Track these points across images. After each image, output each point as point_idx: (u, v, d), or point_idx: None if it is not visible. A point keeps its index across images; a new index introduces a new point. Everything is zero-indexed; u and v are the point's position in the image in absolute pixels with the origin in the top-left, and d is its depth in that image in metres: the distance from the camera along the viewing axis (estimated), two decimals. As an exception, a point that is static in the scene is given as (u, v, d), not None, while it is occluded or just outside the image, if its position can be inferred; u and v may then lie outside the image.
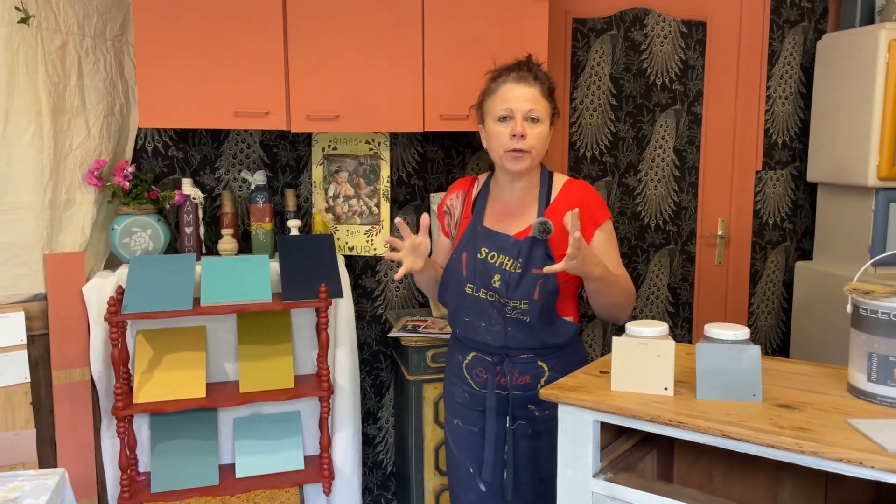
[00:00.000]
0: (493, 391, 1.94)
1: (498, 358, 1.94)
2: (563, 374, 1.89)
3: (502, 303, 1.89)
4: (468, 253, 1.93)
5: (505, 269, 1.88)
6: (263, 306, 2.43)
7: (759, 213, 3.40)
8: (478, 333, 1.95)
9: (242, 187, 2.83)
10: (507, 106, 1.86)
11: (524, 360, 1.93)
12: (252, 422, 2.65)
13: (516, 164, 1.88)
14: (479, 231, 1.95)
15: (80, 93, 2.48)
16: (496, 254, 1.90)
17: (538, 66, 1.94)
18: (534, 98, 1.87)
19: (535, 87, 1.88)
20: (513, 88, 1.88)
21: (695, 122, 3.29)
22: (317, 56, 2.48)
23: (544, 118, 1.88)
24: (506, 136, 1.86)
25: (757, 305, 3.46)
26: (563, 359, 1.95)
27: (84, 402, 2.50)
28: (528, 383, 1.93)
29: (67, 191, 2.48)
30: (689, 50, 3.24)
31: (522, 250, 1.86)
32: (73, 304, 2.46)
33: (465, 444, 2.04)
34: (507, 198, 1.97)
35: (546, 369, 1.93)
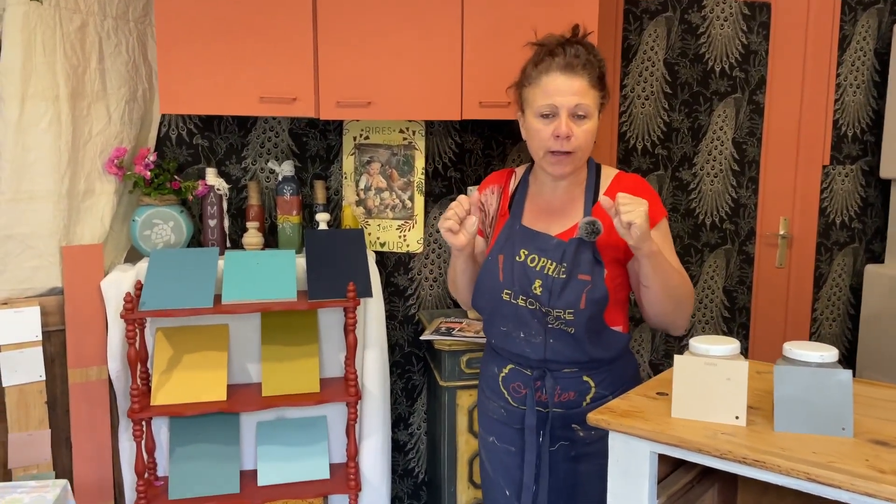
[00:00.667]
0: (532, 408, 1.75)
1: (538, 372, 1.74)
2: (612, 391, 1.71)
3: (543, 312, 1.69)
4: (505, 255, 1.73)
5: (547, 273, 1.67)
6: (287, 305, 2.28)
7: (826, 211, 3.13)
8: (516, 345, 1.75)
9: (270, 178, 2.68)
10: (551, 101, 1.64)
11: (568, 375, 1.73)
12: (276, 426, 2.50)
13: (558, 168, 1.68)
14: (517, 231, 1.74)
15: (100, 76, 2.35)
16: (537, 256, 1.69)
17: (587, 47, 1.69)
18: (581, 90, 1.63)
19: (584, 77, 1.63)
20: (557, 80, 1.64)
21: (756, 112, 3.04)
22: (348, 38, 2.31)
23: (592, 112, 1.65)
24: (548, 134, 1.64)
25: (821, 312, 3.20)
26: (612, 374, 1.75)
27: (101, 402, 2.38)
28: (571, 400, 1.74)
29: (86, 180, 2.36)
30: (751, 34, 2.99)
31: (567, 253, 1.65)
32: (91, 299, 2.34)
33: (501, 464, 1.86)
34: (549, 194, 1.77)
35: (592, 385, 1.73)
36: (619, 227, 1.51)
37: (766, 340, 3.18)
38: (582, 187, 1.75)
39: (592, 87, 1.65)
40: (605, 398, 1.72)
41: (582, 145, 1.65)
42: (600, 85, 1.68)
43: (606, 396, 1.72)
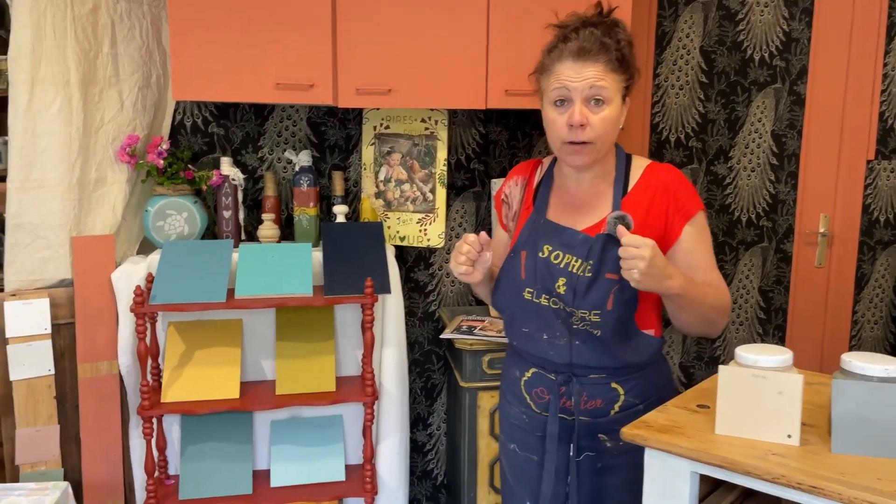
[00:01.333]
0: (555, 415, 1.63)
1: (563, 377, 1.62)
2: (642, 400, 1.60)
3: (568, 312, 1.57)
4: (528, 251, 1.61)
5: (571, 271, 1.55)
6: (302, 301, 2.19)
7: (869, 208, 2.97)
8: (539, 347, 1.63)
9: (287, 168, 2.58)
10: (563, 87, 1.51)
11: (595, 381, 1.61)
12: (290, 425, 2.41)
13: (576, 159, 1.54)
14: (541, 225, 1.63)
15: (112, 61, 2.28)
16: (561, 252, 1.57)
17: (605, 27, 1.53)
18: (597, 74, 1.49)
19: (599, 61, 1.49)
20: (569, 66, 1.50)
21: (797, 104, 2.89)
22: (368, 22, 2.21)
23: (612, 96, 1.51)
24: (562, 124, 1.52)
25: (862, 314, 3.04)
26: (643, 380, 1.62)
27: (112, 398, 2.31)
28: (598, 408, 1.61)
29: (98, 168, 2.28)
30: (793, 20, 2.83)
31: (594, 250, 1.53)
32: (102, 292, 2.27)
33: (522, 474, 1.74)
34: (575, 187, 1.64)
35: (621, 393, 1.61)
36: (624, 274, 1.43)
37: (804, 344, 3.03)
38: (610, 179, 1.62)
39: (611, 70, 1.51)
40: (636, 407, 1.60)
41: (600, 134, 1.51)
42: (621, 67, 1.53)
43: (637, 405, 1.61)
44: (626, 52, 1.55)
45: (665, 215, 1.56)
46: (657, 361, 1.67)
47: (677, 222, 1.56)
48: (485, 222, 2.72)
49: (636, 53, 1.58)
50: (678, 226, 1.56)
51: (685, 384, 2.99)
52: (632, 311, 1.56)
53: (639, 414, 1.57)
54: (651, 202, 1.56)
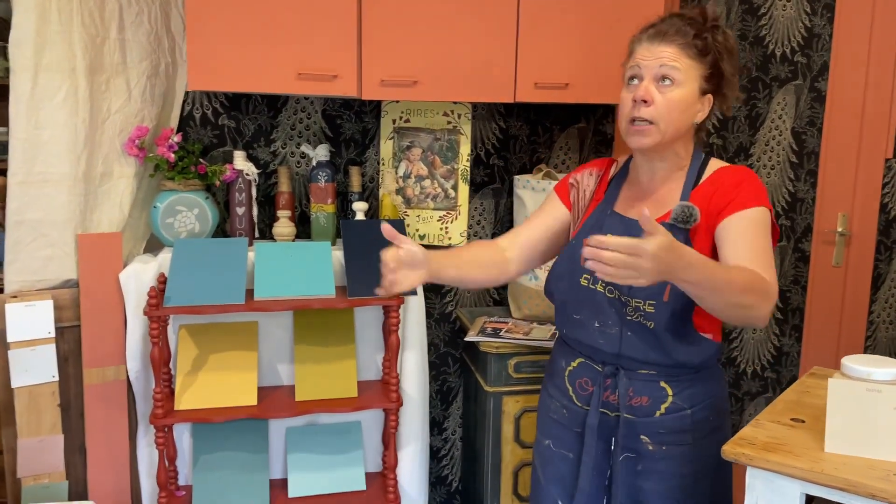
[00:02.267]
0: (596, 408, 1.57)
1: (610, 369, 1.56)
2: (691, 406, 1.53)
3: (623, 301, 1.52)
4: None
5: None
6: (326, 302, 2.08)
7: (886, 207, 2.94)
8: (589, 335, 1.58)
9: (301, 163, 2.47)
10: (634, 66, 1.50)
11: (643, 377, 1.54)
12: (307, 433, 2.31)
13: (636, 140, 1.49)
14: (608, 216, 1.59)
15: (120, 48, 2.14)
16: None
17: (688, 19, 1.50)
18: (670, 55, 1.46)
19: (674, 43, 1.46)
20: (647, 47, 1.49)
21: (818, 101, 2.84)
22: (395, 10, 2.10)
23: (682, 80, 1.46)
24: (628, 100, 1.50)
25: (878, 314, 3.01)
26: (695, 386, 1.56)
27: (119, 405, 2.18)
28: (644, 406, 1.54)
29: (104, 161, 2.15)
30: (814, 16, 2.78)
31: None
32: (109, 293, 2.14)
33: (556, 471, 1.68)
34: (646, 181, 1.59)
35: (670, 393, 1.54)
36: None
37: (820, 345, 2.99)
38: (682, 174, 1.56)
39: (686, 55, 1.47)
40: (683, 411, 1.54)
41: (663, 114, 1.46)
42: (700, 55, 1.47)
43: (684, 410, 1.54)
44: (710, 43, 1.48)
45: (722, 203, 1.48)
46: (711, 367, 1.60)
47: (728, 210, 1.47)
48: (504, 220, 2.63)
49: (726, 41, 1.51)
50: (727, 213, 1.47)
51: (702, 385, 2.93)
52: (688, 307, 1.49)
53: (685, 419, 1.54)
54: (716, 195, 1.49)
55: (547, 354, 2.27)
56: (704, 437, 1.56)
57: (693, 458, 1.55)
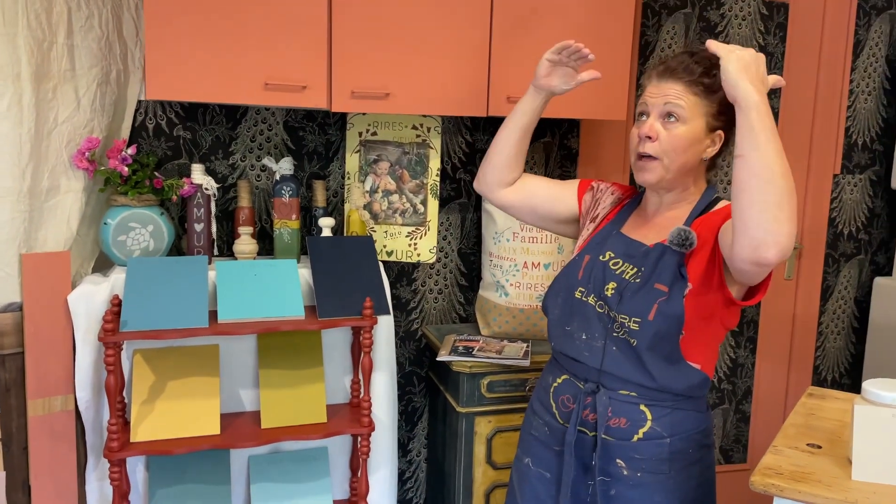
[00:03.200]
0: (574, 425, 1.56)
1: (592, 386, 1.55)
2: (671, 434, 1.51)
3: (610, 316, 1.51)
4: (591, 255, 1.59)
5: (624, 277, 1.51)
6: (295, 324, 1.98)
7: (834, 221, 3.04)
8: (575, 347, 1.57)
9: (262, 176, 2.36)
10: (644, 100, 1.53)
11: (623, 398, 1.52)
12: (271, 461, 2.19)
13: (643, 175, 1.52)
14: (612, 236, 1.61)
15: (68, 54, 1.99)
16: (621, 261, 1.55)
17: (697, 56, 1.50)
18: (676, 93, 1.47)
19: (682, 80, 1.47)
20: (654, 86, 1.52)
21: (771, 118, 2.91)
22: (366, 20, 2.03)
23: (687, 117, 1.46)
24: (636, 137, 1.53)
25: (826, 325, 3.10)
26: (677, 414, 1.52)
27: (67, 438, 2.02)
28: (622, 428, 1.52)
29: (51, 175, 1.99)
30: (768, 34, 2.85)
31: (650, 257, 1.49)
32: (56, 316, 1.98)
33: (532, 490, 1.66)
34: (654, 208, 1.60)
35: (649, 418, 1.51)
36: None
37: (773, 356, 3.06)
38: (689, 208, 1.55)
39: (692, 92, 1.47)
40: (661, 439, 1.51)
41: (667, 150, 1.47)
42: (707, 93, 1.47)
43: (663, 438, 1.51)
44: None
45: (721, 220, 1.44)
46: (696, 399, 1.55)
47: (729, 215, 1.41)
48: (471, 236, 2.58)
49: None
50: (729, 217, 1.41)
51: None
52: (675, 329, 1.46)
53: (663, 447, 1.51)
54: (718, 223, 1.47)
55: (520, 373, 2.24)
56: (682, 470, 1.52)
57: (668, 490, 1.51)
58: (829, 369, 3.14)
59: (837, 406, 1.34)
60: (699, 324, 1.48)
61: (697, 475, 1.55)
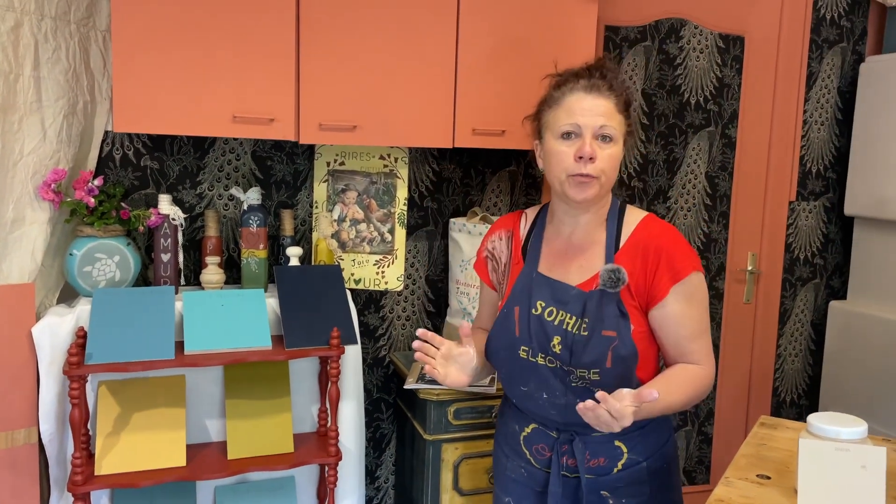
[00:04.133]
0: (558, 474, 1.58)
1: (566, 436, 1.57)
2: (645, 456, 1.57)
3: (566, 371, 1.51)
4: (521, 307, 1.56)
5: (567, 329, 1.50)
6: (262, 355, 1.99)
7: (791, 246, 3.13)
8: (539, 406, 1.58)
9: (229, 205, 2.37)
10: (574, 120, 1.48)
11: (598, 440, 1.56)
12: (238, 491, 2.19)
13: (581, 192, 1.49)
14: (534, 279, 1.57)
15: (35, 86, 1.99)
16: (555, 309, 1.52)
17: (614, 73, 1.54)
18: (608, 112, 1.49)
19: (610, 99, 1.50)
20: (582, 99, 1.49)
21: (728, 146, 3.01)
22: (334, 55, 2.07)
23: (618, 137, 1.50)
24: (570, 156, 1.48)
25: (784, 347, 3.19)
26: (645, 437, 1.58)
27: (30, 472, 2.00)
28: (602, 466, 1.56)
29: (16, 206, 1.98)
30: (725, 67, 2.95)
31: (588, 307, 1.49)
32: (19, 349, 1.97)
33: None
34: (568, 234, 1.59)
35: (625, 451, 1.56)
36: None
37: (733, 378, 3.14)
38: (603, 228, 1.56)
39: (619, 111, 1.52)
40: (639, 464, 1.57)
41: (606, 170, 1.49)
42: (626, 112, 1.54)
43: (640, 462, 1.57)
44: (631, 99, 1.57)
45: (654, 275, 1.49)
46: (658, 418, 1.60)
47: (665, 283, 1.48)
48: (438, 262, 2.62)
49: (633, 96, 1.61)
50: (665, 287, 1.48)
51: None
52: (632, 367, 1.50)
53: (642, 471, 1.57)
54: (642, 260, 1.50)
55: (486, 400, 2.27)
56: (661, 486, 1.59)
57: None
58: (788, 391, 3.22)
59: (788, 436, 1.39)
60: (648, 348, 1.53)
61: (675, 486, 1.64)
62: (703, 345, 1.53)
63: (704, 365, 1.52)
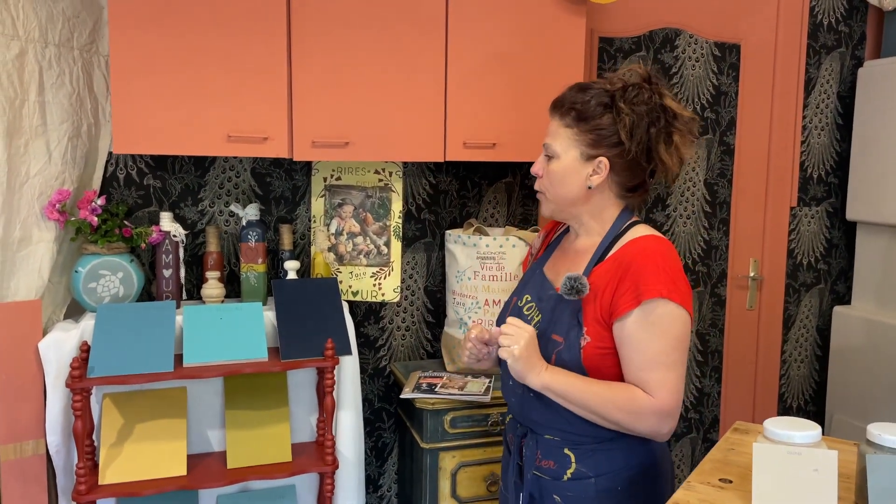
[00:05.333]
0: (515, 463, 1.67)
1: (523, 429, 1.65)
2: (596, 474, 1.53)
3: None
4: (517, 298, 1.68)
5: (532, 323, 1.58)
6: (259, 366, 2.05)
7: (793, 252, 3.13)
8: (507, 391, 1.69)
9: (230, 221, 2.44)
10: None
11: (549, 442, 1.59)
12: (240, 499, 2.25)
13: (540, 206, 1.67)
14: (535, 275, 1.69)
15: (40, 110, 2.08)
16: (534, 305, 1.62)
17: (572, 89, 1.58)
18: (553, 131, 1.59)
19: (556, 117, 1.59)
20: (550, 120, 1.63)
21: (727, 154, 3.02)
22: (325, 73, 2.13)
23: (560, 152, 1.55)
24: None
25: (789, 353, 3.18)
26: (598, 454, 1.53)
27: (38, 482, 2.07)
28: (552, 469, 1.58)
29: (22, 227, 2.07)
30: (721, 75, 2.97)
31: (546, 307, 1.58)
32: (27, 363, 2.05)
33: None
34: (572, 242, 1.68)
35: (573, 460, 1.55)
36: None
37: (738, 384, 3.13)
38: (598, 240, 1.59)
39: (565, 126, 1.56)
40: (587, 479, 1.54)
41: (547, 185, 1.60)
42: (577, 123, 1.53)
43: (589, 478, 1.54)
44: (585, 108, 1.52)
45: (617, 290, 1.46)
46: (619, 439, 1.52)
47: (626, 300, 1.43)
48: (436, 274, 2.66)
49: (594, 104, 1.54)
50: (625, 305, 1.43)
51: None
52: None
53: (589, 487, 1.53)
54: (614, 275, 1.48)
55: (482, 409, 2.30)
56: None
57: None
58: (794, 397, 3.21)
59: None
60: (601, 366, 1.48)
61: None
62: (660, 378, 1.42)
63: (655, 397, 1.43)
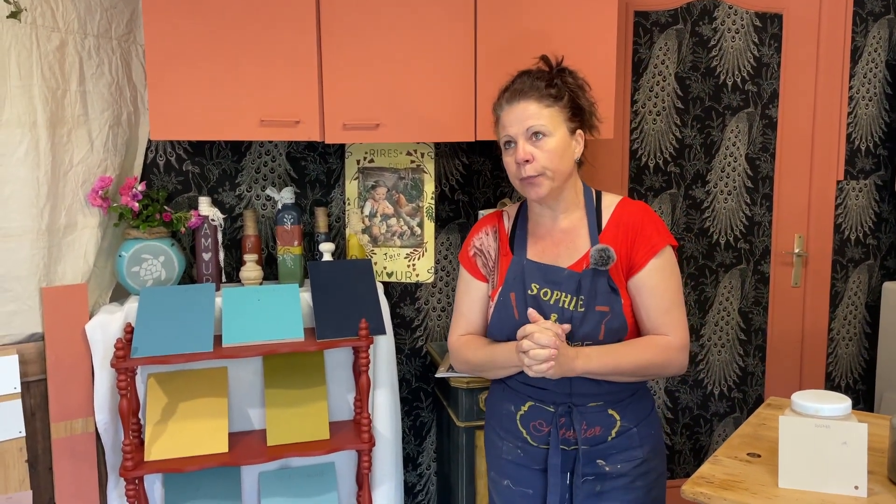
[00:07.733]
0: (557, 448, 1.64)
1: (563, 408, 1.64)
2: (635, 423, 1.66)
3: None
4: (516, 291, 1.64)
5: (563, 307, 1.59)
6: (295, 346, 2.09)
7: (840, 227, 3.04)
8: (539, 380, 1.65)
9: (267, 205, 2.49)
10: (507, 132, 1.62)
11: (593, 410, 1.63)
12: (281, 477, 2.30)
13: (534, 192, 1.60)
14: (525, 265, 1.66)
15: (81, 100, 2.15)
16: (549, 290, 1.61)
17: (535, 74, 1.63)
18: (533, 112, 1.58)
19: (531, 99, 1.59)
20: (509, 111, 1.62)
21: (769, 127, 2.94)
22: (354, 56, 2.14)
23: (552, 129, 1.58)
24: (513, 165, 1.62)
25: (837, 331, 3.10)
26: (634, 405, 1.67)
27: (88, 458, 2.16)
28: (597, 435, 1.64)
29: (67, 213, 2.14)
30: (762, 46, 2.89)
31: (583, 285, 1.58)
32: (75, 345, 2.13)
33: None
34: (550, 224, 1.69)
35: (617, 418, 1.64)
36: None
37: (783, 363, 3.07)
38: (581, 213, 1.67)
39: (546, 105, 1.59)
40: (630, 430, 1.66)
41: (547, 164, 1.58)
42: (558, 102, 1.59)
43: (631, 429, 1.66)
44: (560, 84, 1.62)
45: (632, 249, 1.61)
46: (643, 387, 1.71)
47: (642, 255, 1.60)
48: (470, 254, 2.66)
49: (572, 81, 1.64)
50: (642, 260, 1.60)
51: (671, 408, 2.99)
52: (622, 338, 1.61)
53: (633, 437, 1.65)
54: (623, 237, 1.62)
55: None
56: (651, 450, 1.67)
57: (646, 472, 1.65)
58: (843, 375, 3.13)
59: (791, 416, 1.38)
60: (633, 319, 1.64)
61: (662, 452, 1.72)
62: (676, 316, 1.60)
63: (673, 336, 1.59)
